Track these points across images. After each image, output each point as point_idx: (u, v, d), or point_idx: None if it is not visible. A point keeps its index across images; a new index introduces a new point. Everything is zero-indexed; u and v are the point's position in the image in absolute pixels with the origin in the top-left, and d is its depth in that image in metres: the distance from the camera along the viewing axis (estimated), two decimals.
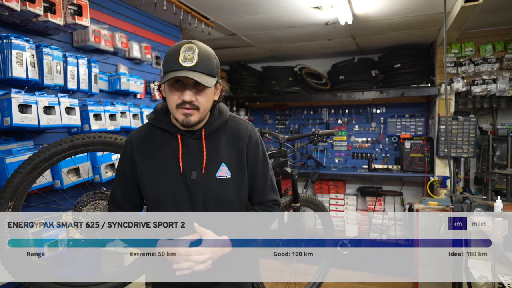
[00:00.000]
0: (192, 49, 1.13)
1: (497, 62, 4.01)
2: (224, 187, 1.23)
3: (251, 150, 1.30)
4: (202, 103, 1.17)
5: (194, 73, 1.12)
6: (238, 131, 1.30)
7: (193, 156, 1.23)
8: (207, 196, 1.21)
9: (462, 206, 2.44)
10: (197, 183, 1.21)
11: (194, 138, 1.24)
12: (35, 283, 1.57)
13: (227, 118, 1.30)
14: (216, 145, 1.26)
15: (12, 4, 1.81)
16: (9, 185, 1.55)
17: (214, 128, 1.26)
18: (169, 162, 1.22)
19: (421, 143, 4.92)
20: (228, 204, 1.25)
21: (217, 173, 1.23)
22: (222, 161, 1.24)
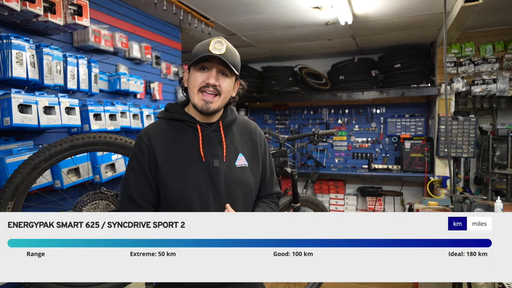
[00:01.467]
0: (221, 42, 1.24)
1: (497, 62, 4.01)
2: (245, 174, 1.31)
3: (262, 144, 1.41)
4: (223, 89, 1.25)
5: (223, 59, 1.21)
6: (248, 126, 1.41)
7: (213, 146, 1.28)
8: (231, 182, 1.27)
9: (462, 206, 2.44)
10: (220, 170, 1.26)
11: (212, 129, 1.30)
12: (35, 283, 1.58)
13: (236, 115, 1.41)
14: (231, 137, 1.34)
15: (12, 4, 1.81)
16: (9, 185, 1.55)
17: (228, 122, 1.35)
18: (189, 152, 1.26)
19: (421, 143, 4.92)
20: (249, 190, 1.33)
21: (236, 161, 1.30)
22: (239, 151, 1.33)
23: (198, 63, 1.24)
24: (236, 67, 1.27)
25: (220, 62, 1.22)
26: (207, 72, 1.24)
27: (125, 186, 1.29)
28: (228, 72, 1.26)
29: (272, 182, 1.45)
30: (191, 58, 1.26)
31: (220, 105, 1.27)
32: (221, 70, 1.24)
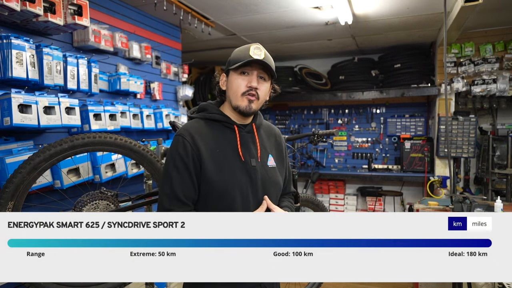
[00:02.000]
0: (259, 48, 1.31)
1: (497, 62, 4.01)
2: (276, 174, 1.41)
3: (284, 147, 1.51)
4: (262, 93, 1.33)
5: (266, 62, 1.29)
6: (273, 130, 1.51)
7: (249, 146, 1.36)
8: (266, 181, 1.35)
9: (462, 206, 2.44)
10: (257, 169, 1.34)
11: (247, 131, 1.38)
12: (35, 283, 1.58)
13: (263, 120, 1.49)
14: (262, 139, 1.42)
15: (12, 4, 1.81)
16: (9, 185, 1.55)
17: (259, 125, 1.43)
18: (228, 151, 1.32)
19: (421, 143, 4.92)
20: (279, 189, 1.43)
21: (268, 162, 1.39)
22: (269, 152, 1.42)
23: (239, 68, 1.30)
24: (272, 71, 1.34)
25: (261, 66, 1.30)
26: (248, 76, 1.31)
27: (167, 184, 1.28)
28: (266, 76, 1.33)
29: (290, 182, 1.55)
30: (230, 63, 1.33)
31: (258, 107, 1.35)
32: (260, 74, 1.32)
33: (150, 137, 3.12)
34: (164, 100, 3.54)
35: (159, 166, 1.94)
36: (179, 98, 3.80)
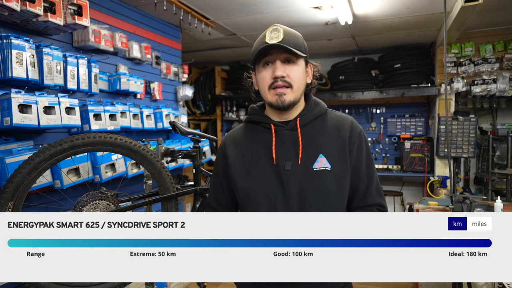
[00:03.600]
0: (277, 29, 1.13)
1: (497, 62, 4.01)
2: (324, 179, 1.14)
3: (354, 141, 1.19)
4: (294, 79, 1.13)
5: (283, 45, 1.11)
6: (338, 121, 1.21)
7: (288, 147, 1.17)
8: (303, 188, 1.14)
9: (462, 206, 2.44)
10: (292, 174, 1.14)
11: (288, 128, 1.19)
12: (35, 283, 1.58)
13: (325, 109, 1.24)
14: (313, 135, 1.18)
15: (12, 4, 1.81)
16: (9, 185, 1.55)
17: (311, 118, 1.20)
18: (261, 154, 1.19)
19: (421, 143, 4.92)
20: (328, 198, 1.15)
21: (315, 164, 1.15)
22: (320, 152, 1.16)
23: (259, 59, 1.15)
24: (300, 49, 1.14)
25: (281, 50, 1.11)
26: (272, 66, 1.14)
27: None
28: (293, 57, 1.14)
29: (370, 191, 1.20)
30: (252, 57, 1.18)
31: (296, 97, 1.15)
32: (285, 58, 1.14)
33: (150, 137, 3.12)
34: (164, 100, 3.54)
35: (159, 166, 1.94)
36: (179, 98, 3.80)
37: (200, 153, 2.19)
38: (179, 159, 3.21)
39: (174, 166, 3.22)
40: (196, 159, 2.17)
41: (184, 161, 3.36)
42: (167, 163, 2.96)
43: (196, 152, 2.17)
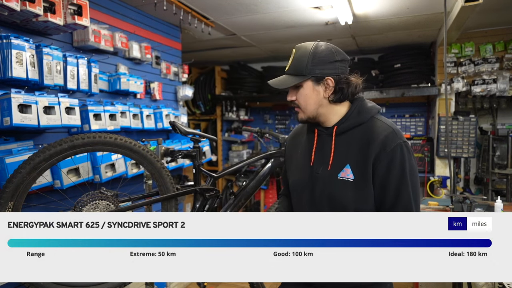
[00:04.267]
0: (292, 54, 1.29)
1: (497, 62, 4.01)
2: (342, 189, 1.20)
3: (384, 158, 1.17)
4: (300, 102, 1.30)
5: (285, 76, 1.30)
6: (373, 133, 1.21)
7: (324, 152, 1.28)
8: (324, 193, 1.25)
9: (462, 206, 2.43)
10: (319, 177, 1.26)
11: (327, 134, 1.29)
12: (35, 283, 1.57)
13: (366, 119, 1.25)
14: (346, 144, 1.23)
15: (12, 4, 1.81)
16: (9, 185, 1.55)
17: (348, 127, 1.25)
18: (306, 154, 1.34)
19: (421, 143, 4.91)
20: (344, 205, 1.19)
21: (340, 173, 1.22)
22: (348, 162, 1.21)
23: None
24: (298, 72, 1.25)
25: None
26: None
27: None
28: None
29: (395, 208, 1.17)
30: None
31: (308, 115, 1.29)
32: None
33: (150, 137, 3.12)
34: (164, 100, 3.54)
35: (159, 166, 1.94)
36: (179, 98, 3.80)
37: (200, 153, 2.19)
38: (179, 159, 3.20)
39: (174, 166, 3.21)
40: (196, 159, 2.17)
41: (184, 161, 3.36)
42: (167, 163, 2.96)
43: (196, 152, 2.17)
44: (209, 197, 2.12)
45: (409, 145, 1.23)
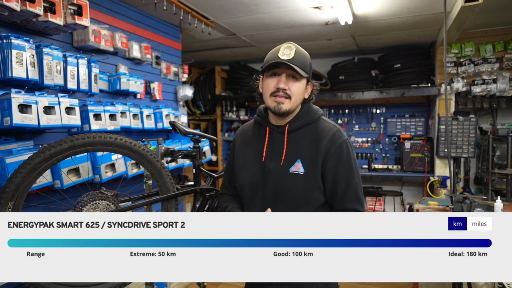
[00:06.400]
0: (290, 47, 1.31)
1: (497, 62, 4.01)
2: (294, 182, 1.30)
3: (333, 153, 1.31)
4: (294, 92, 1.31)
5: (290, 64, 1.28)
6: (323, 131, 1.36)
7: (276, 148, 1.36)
8: (277, 186, 1.32)
9: (462, 206, 2.43)
10: (271, 172, 1.33)
11: (279, 132, 1.38)
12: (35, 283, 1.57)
13: (315, 119, 1.40)
14: (296, 141, 1.35)
15: (12, 4, 1.81)
16: (9, 185, 1.55)
17: (298, 126, 1.37)
18: (256, 152, 1.39)
19: (421, 143, 4.92)
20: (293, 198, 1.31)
21: (292, 167, 1.32)
22: (298, 157, 1.32)
23: (269, 69, 1.33)
24: (305, 69, 1.31)
25: (289, 67, 1.28)
26: (278, 77, 1.32)
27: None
28: (297, 75, 1.30)
29: (347, 197, 1.32)
30: (263, 66, 1.35)
31: (291, 107, 1.32)
32: (290, 74, 1.31)
33: (150, 137, 3.12)
34: (164, 100, 3.54)
35: (159, 166, 1.94)
36: (179, 98, 3.80)
37: (200, 153, 2.19)
38: (179, 159, 3.20)
39: (174, 166, 3.21)
40: (196, 159, 2.17)
41: (184, 161, 3.36)
42: (167, 163, 2.96)
43: (196, 152, 2.17)
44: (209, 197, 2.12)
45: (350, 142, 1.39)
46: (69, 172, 2.17)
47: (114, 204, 1.87)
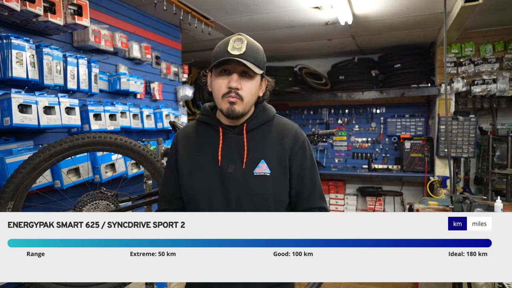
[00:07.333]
0: (241, 40, 1.16)
1: (497, 62, 4.01)
2: (261, 184, 1.20)
3: (297, 151, 1.26)
4: (246, 93, 1.17)
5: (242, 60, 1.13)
6: (283, 129, 1.28)
7: (233, 151, 1.22)
8: (241, 191, 1.20)
9: (462, 206, 2.43)
10: (233, 177, 1.20)
11: (235, 133, 1.24)
12: (35, 283, 1.57)
13: (271, 116, 1.29)
14: (257, 141, 1.24)
15: (12, 4, 1.81)
16: (9, 185, 1.55)
17: (257, 124, 1.25)
18: (208, 156, 1.23)
19: (421, 143, 4.92)
20: (263, 202, 1.21)
21: (255, 169, 1.21)
22: (262, 157, 1.22)
23: (218, 66, 1.17)
24: (259, 64, 1.18)
25: (240, 63, 1.14)
26: (229, 76, 1.17)
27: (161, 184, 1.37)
28: (250, 72, 1.17)
29: (313, 195, 1.29)
30: (211, 61, 1.19)
31: (245, 109, 1.19)
32: (243, 71, 1.16)
33: (150, 137, 3.12)
34: (164, 100, 3.54)
35: (159, 166, 1.94)
36: (179, 98, 3.80)
37: None
38: None
39: None
40: None
41: None
42: None
43: None
44: None
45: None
46: (69, 172, 2.17)
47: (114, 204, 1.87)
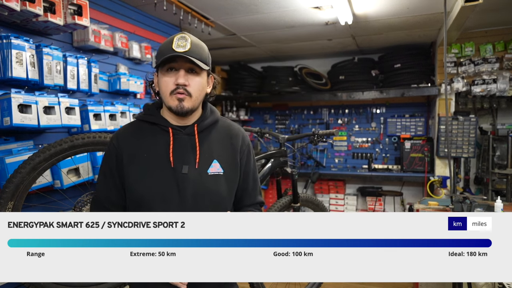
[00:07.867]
0: (185, 38, 1.18)
1: (497, 62, 4.01)
2: (217, 183, 1.24)
3: (245, 150, 1.33)
4: (194, 89, 1.19)
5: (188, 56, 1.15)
6: (230, 130, 1.33)
7: (185, 151, 1.22)
8: (198, 191, 1.21)
9: (462, 206, 2.43)
10: (189, 177, 1.20)
11: (186, 133, 1.24)
12: (35, 283, 1.58)
13: (218, 117, 1.33)
14: (208, 141, 1.26)
15: (12, 4, 1.81)
16: (9, 185, 1.55)
17: (207, 125, 1.28)
18: (158, 157, 1.21)
19: (421, 143, 4.91)
20: (220, 200, 1.25)
21: (209, 169, 1.23)
22: (214, 157, 1.25)
23: (164, 64, 1.18)
24: (205, 61, 1.20)
25: (187, 60, 1.15)
26: (175, 73, 1.17)
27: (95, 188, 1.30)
28: (197, 69, 1.18)
29: (256, 191, 1.38)
30: (156, 60, 1.20)
31: (193, 105, 1.20)
32: (189, 67, 1.18)
33: None
34: None
35: None
36: None
37: None
38: None
39: None
40: None
41: None
42: None
43: None
44: None
45: None
46: (69, 172, 2.17)
47: None
